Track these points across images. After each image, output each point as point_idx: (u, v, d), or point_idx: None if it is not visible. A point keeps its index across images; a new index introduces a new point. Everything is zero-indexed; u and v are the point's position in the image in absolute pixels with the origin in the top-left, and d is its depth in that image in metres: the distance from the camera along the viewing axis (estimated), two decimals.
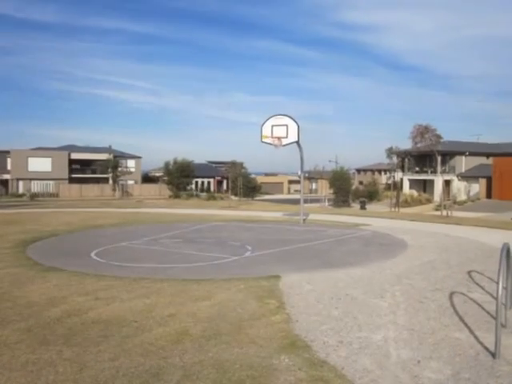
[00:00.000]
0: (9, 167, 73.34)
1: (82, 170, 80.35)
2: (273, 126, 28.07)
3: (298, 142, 28.57)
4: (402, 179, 67.16)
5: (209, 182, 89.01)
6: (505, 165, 58.31)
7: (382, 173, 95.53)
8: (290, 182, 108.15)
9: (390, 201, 48.66)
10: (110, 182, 76.33)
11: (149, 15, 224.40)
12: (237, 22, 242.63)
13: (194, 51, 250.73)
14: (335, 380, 6.47)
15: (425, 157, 62.52)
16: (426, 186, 66.19)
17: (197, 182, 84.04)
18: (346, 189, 57.19)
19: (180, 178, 73.06)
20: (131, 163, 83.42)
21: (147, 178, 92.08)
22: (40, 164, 72.73)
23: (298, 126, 27.93)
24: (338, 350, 7.61)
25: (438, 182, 56.73)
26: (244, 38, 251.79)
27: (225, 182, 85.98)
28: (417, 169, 68.16)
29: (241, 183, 61.77)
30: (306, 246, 19.84)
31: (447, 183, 57.52)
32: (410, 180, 68.32)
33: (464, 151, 64.78)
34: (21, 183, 72.50)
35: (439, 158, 54.52)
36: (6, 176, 72.77)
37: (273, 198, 79.04)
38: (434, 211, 44.75)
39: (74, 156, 78.23)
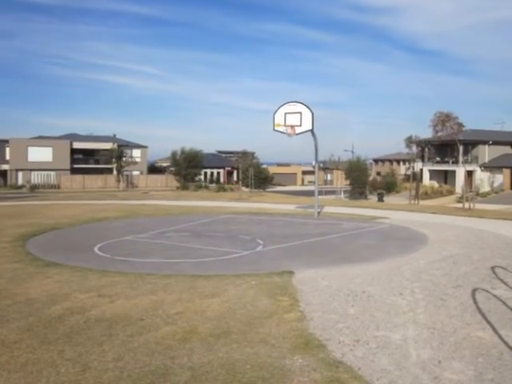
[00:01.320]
0: (7, 157, 73.13)
1: (84, 160, 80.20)
2: (286, 113, 28.02)
3: (312, 131, 28.51)
4: (421, 170, 66.70)
5: (218, 173, 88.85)
6: None
7: (401, 163, 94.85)
8: (304, 172, 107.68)
9: (410, 193, 48.41)
10: (115, 172, 76.14)
11: None
12: (245, 3, 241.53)
13: (202, 34, 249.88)
14: (352, 381, 6.45)
15: (446, 146, 62.05)
16: (447, 177, 65.72)
17: (206, 173, 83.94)
18: (363, 180, 56.90)
19: (188, 168, 73.03)
20: (136, 153, 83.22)
21: (153, 169, 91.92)
22: (40, 154, 72.66)
23: (313, 114, 27.87)
24: (354, 350, 7.60)
25: (460, 172, 56.30)
26: (253, 20, 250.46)
27: (235, 172, 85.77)
28: (437, 159, 67.59)
29: (252, 174, 61.56)
30: (321, 240, 19.82)
31: (469, 174, 57.12)
32: (430, 171, 67.83)
33: (487, 140, 64.18)
34: (20, 174, 72.53)
35: (461, 148, 54.04)
36: (5, 166, 72.65)
37: (286, 189, 78.83)
38: (456, 203, 44.55)
39: (77, 145, 78.09)
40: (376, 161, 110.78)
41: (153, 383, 6.41)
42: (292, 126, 27.74)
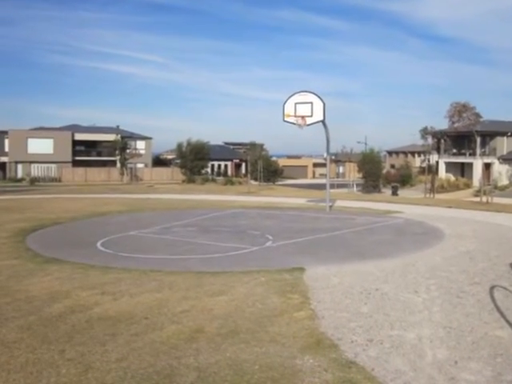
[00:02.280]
0: (6, 149, 73.23)
1: (86, 152, 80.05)
2: (296, 103, 27.94)
3: (323, 122, 28.43)
4: (437, 162, 66.40)
5: (226, 166, 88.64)
6: None
7: (416, 155, 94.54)
8: (315, 165, 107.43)
9: (425, 186, 48.31)
10: (118, 165, 76.03)
11: None
12: None
13: (209, 22, 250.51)
14: (365, 382, 6.44)
15: (463, 138, 61.92)
16: (463, 170, 65.49)
17: (213, 166, 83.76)
18: (377, 173, 56.74)
19: (194, 160, 72.93)
20: (141, 144, 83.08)
21: (158, 161, 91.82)
22: (41, 145, 72.51)
23: (324, 104, 27.77)
24: (367, 350, 7.58)
25: (477, 165, 56.16)
26: (263, 6, 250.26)
27: (243, 165, 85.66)
28: (454, 151, 67.36)
29: (261, 166, 61.40)
30: (333, 236, 19.79)
31: (487, 167, 56.86)
32: (446, 163, 67.60)
33: (506, 131, 63.82)
34: (20, 167, 72.54)
35: (478, 139, 53.98)
36: (4, 159, 72.60)
37: (296, 182, 78.63)
38: (473, 197, 44.44)
39: (78, 137, 77.93)
40: (390, 153, 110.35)
41: None
42: (302, 117, 27.66)
